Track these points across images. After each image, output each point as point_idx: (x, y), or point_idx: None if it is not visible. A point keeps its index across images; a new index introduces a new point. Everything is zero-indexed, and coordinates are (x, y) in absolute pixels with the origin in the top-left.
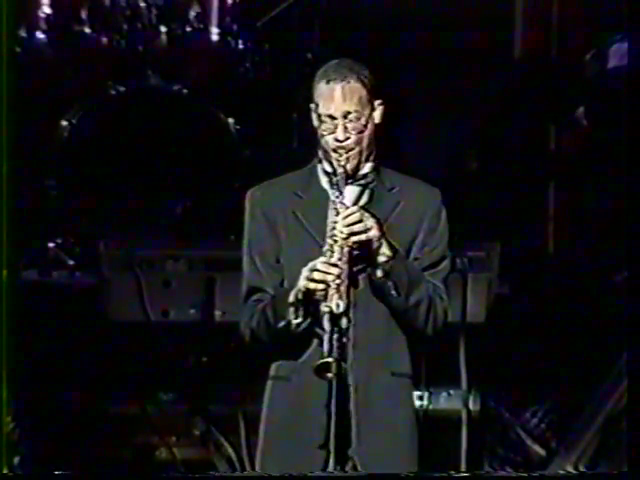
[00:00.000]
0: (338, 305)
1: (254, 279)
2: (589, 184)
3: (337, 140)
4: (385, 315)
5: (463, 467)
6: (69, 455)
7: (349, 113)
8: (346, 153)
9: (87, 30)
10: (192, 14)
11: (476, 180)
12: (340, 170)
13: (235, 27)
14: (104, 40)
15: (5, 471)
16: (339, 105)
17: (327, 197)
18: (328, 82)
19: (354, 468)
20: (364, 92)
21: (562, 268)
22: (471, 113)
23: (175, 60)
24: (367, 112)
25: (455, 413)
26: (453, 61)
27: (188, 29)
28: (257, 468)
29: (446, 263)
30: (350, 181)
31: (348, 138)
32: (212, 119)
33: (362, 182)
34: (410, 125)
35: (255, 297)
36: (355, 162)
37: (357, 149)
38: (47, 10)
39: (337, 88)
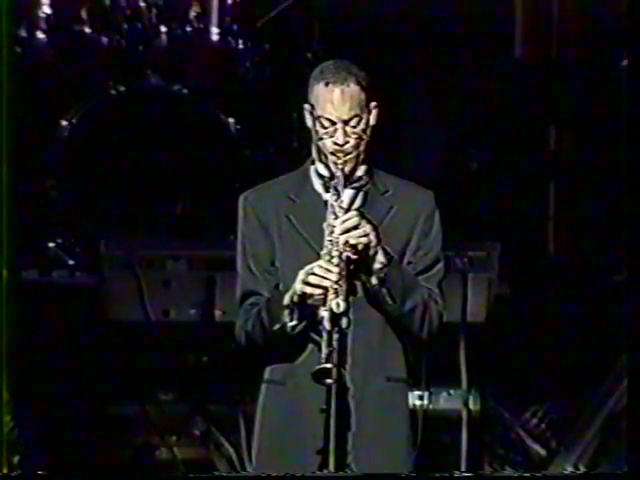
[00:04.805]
0: (338, 305)
1: (249, 282)
2: (589, 184)
3: (336, 144)
4: (379, 321)
5: (463, 467)
6: (69, 455)
7: (350, 119)
8: (344, 156)
9: (87, 30)
10: (192, 14)
11: (476, 180)
12: (339, 173)
13: (235, 27)
14: (104, 40)
15: (5, 471)
16: (339, 109)
17: (321, 200)
18: (327, 84)
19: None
20: (363, 95)
21: (562, 268)
22: (471, 113)
23: (175, 60)
24: (365, 115)
25: (455, 413)
26: (453, 61)
27: (188, 29)
28: (252, 471)
29: (440, 266)
30: (346, 184)
31: (347, 142)
32: (212, 119)
33: (356, 185)
34: (410, 125)
35: (250, 300)
36: (352, 165)
37: (355, 153)
38: (47, 10)
39: (336, 91)
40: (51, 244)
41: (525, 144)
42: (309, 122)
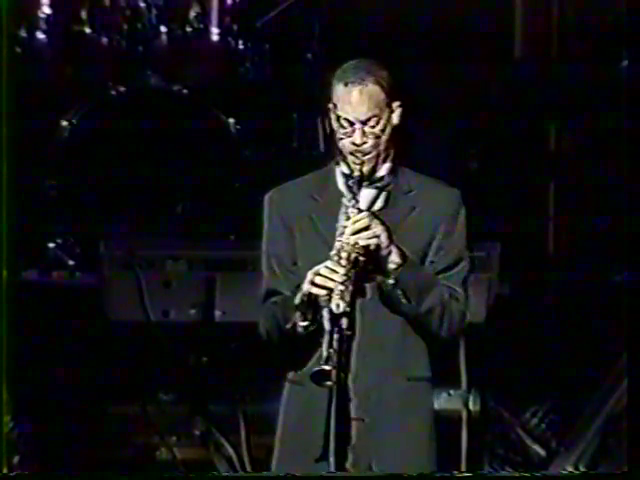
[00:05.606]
0: (338, 305)
1: (271, 282)
2: (589, 184)
3: (354, 144)
4: (398, 321)
5: (463, 467)
6: (69, 455)
7: (368, 119)
8: (363, 156)
9: (87, 30)
10: (192, 14)
11: (476, 180)
12: (356, 173)
13: (235, 27)
14: (104, 40)
15: (5, 471)
16: (357, 109)
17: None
18: (346, 85)
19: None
20: (382, 95)
21: (562, 268)
22: (471, 113)
23: (175, 60)
24: (385, 115)
25: (455, 413)
26: (453, 61)
27: (188, 29)
28: (273, 469)
29: (464, 264)
30: (366, 184)
31: (365, 142)
32: (212, 119)
33: (378, 185)
34: (409, 125)
35: (272, 299)
36: (371, 165)
37: (374, 152)
38: (47, 10)
39: (355, 92)
40: (51, 244)
41: (525, 144)
42: (333, 122)
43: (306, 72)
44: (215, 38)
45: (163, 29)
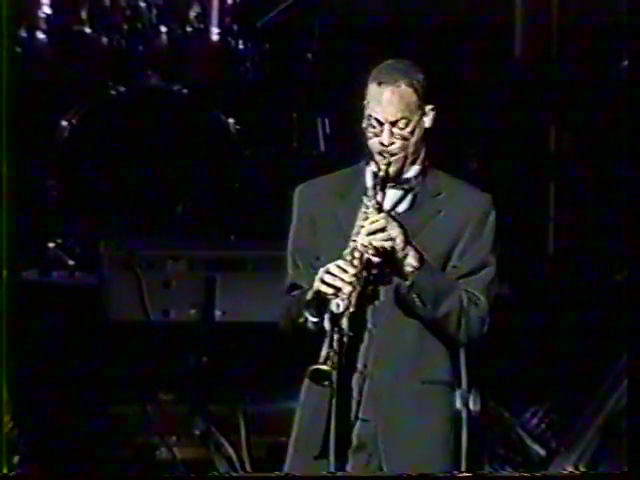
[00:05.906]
0: (338, 305)
1: (294, 276)
2: (589, 184)
3: (382, 144)
4: (416, 323)
5: (463, 467)
6: (69, 455)
7: (397, 121)
8: (390, 157)
9: (87, 30)
10: (192, 14)
11: (476, 180)
12: (381, 174)
13: (235, 27)
14: (104, 40)
15: (5, 471)
16: (387, 110)
17: None
18: (379, 84)
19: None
20: (414, 97)
21: (562, 268)
22: (471, 113)
23: (175, 60)
24: (416, 118)
25: (455, 413)
26: (452, 61)
27: (188, 29)
28: (286, 467)
29: (488, 270)
30: (391, 185)
31: (393, 143)
32: (212, 119)
33: (405, 186)
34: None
35: (293, 293)
36: (398, 166)
37: (401, 154)
38: (47, 10)
39: (386, 92)
40: (51, 244)
41: (525, 144)
42: (364, 120)
43: (306, 72)
44: (215, 38)
45: (163, 29)
